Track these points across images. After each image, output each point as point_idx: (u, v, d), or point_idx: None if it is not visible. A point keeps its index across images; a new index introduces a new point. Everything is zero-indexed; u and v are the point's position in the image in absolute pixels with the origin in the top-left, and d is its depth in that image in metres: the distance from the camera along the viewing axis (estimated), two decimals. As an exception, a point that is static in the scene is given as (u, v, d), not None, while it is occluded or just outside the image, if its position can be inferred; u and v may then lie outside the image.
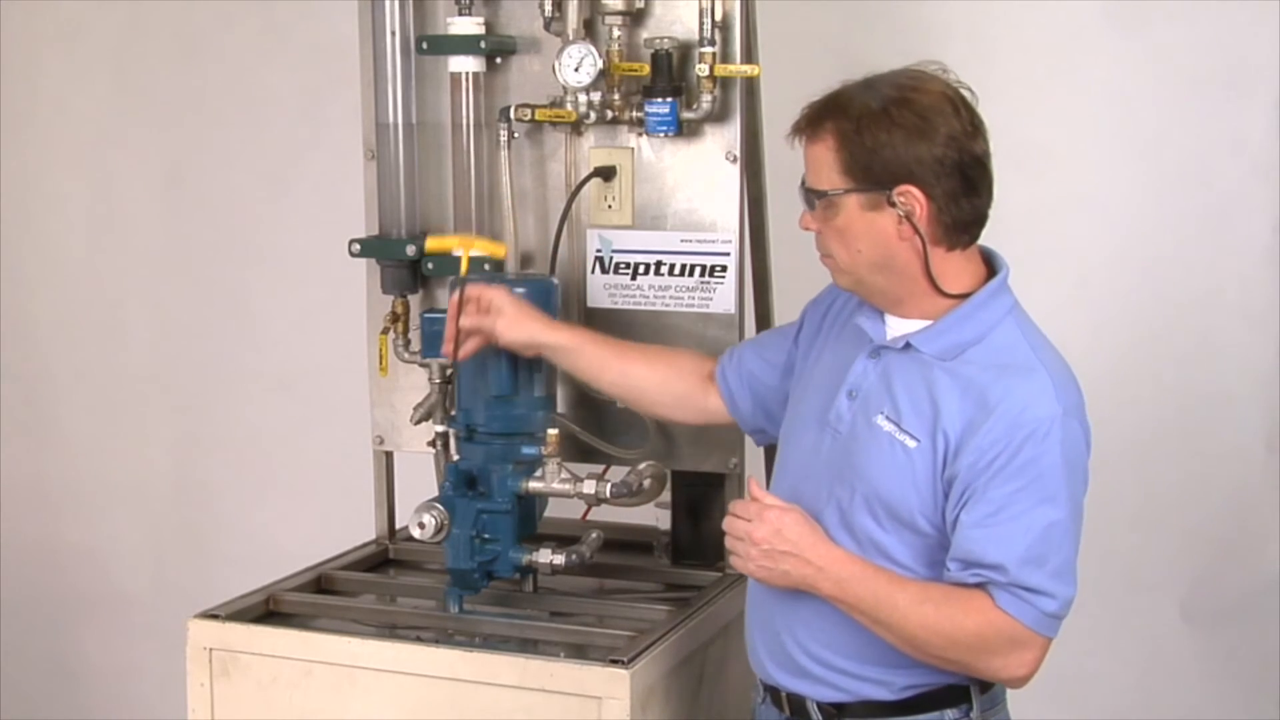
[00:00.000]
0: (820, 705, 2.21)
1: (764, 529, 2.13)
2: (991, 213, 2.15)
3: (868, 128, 2.06)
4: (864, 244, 2.11)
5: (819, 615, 2.16)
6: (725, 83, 2.63)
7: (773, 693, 2.29)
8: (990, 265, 2.19)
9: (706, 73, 2.59)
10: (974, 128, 2.10)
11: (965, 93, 2.11)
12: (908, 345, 2.14)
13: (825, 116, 2.11)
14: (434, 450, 2.74)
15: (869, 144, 2.06)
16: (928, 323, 2.14)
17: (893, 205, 2.07)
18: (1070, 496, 2.06)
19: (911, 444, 2.09)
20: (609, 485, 2.54)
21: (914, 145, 2.05)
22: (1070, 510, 2.06)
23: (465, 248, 2.48)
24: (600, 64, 2.62)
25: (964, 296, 2.13)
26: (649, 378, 2.54)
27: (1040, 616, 2.04)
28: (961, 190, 2.08)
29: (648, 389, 2.54)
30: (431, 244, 2.50)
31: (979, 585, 2.05)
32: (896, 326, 2.17)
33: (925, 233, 2.08)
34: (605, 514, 2.77)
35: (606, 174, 2.73)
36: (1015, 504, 2.03)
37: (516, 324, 2.49)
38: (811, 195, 2.14)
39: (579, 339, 2.54)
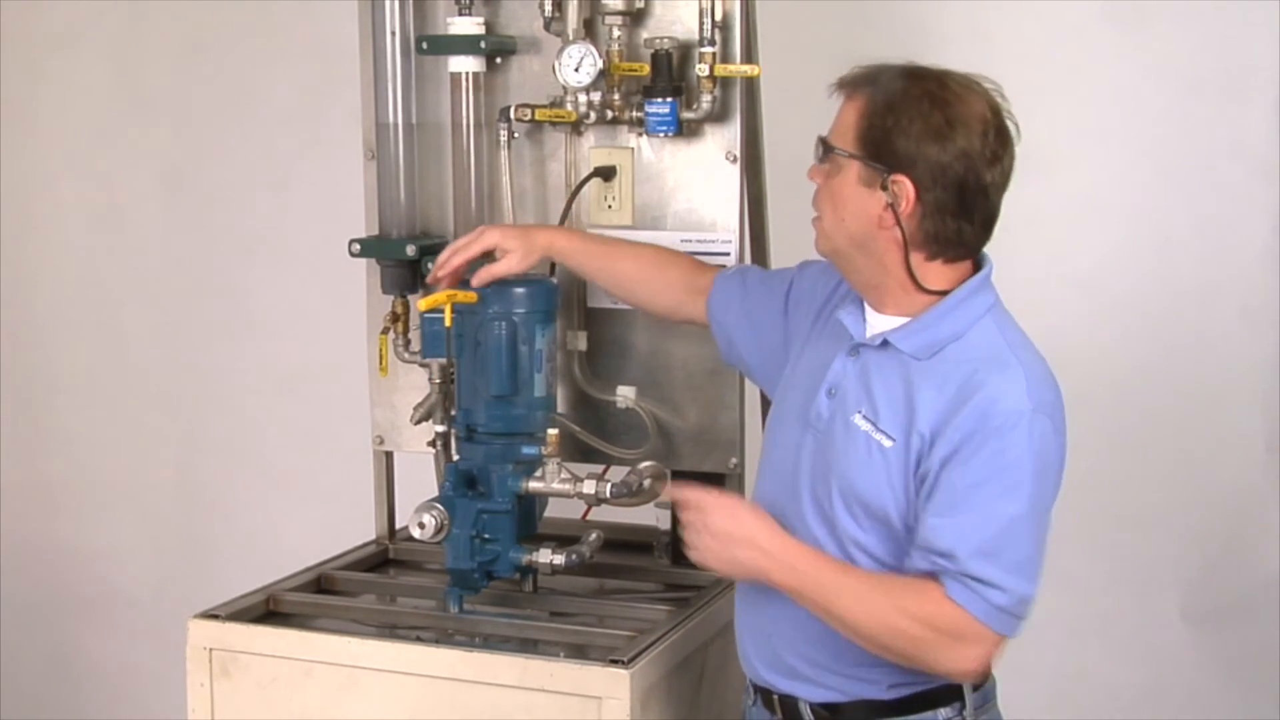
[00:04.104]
0: (813, 706, 2.21)
1: (719, 515, 2.15)
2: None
3: (895, 109, 2.07)
4: (849, 215, 2.12)
5: (809, 614, 2.15)
6: (725, 83, 2.63)
7: (764, 695, 2.28)
8: (975, 263, 2.18)
9: (706, 73, 2.59)
10: (993, 157, 2.08)
11: (1010, 125, 2.10)
12: (885, 343, 2.14)
13: (867, 83, 2.11)
14: (434, 450, 2.73)
15: (889, 123, 2.07)
16: (906, 319, 2.14)
17: (884, 190, 2.08)
18: (1035, 494, 2.05)
19: (887, 443, 2.10)
20: (609, 485, 2.54)
21: (926, 144, 2.05)
22: (1033, 507, 2.05)
23: (448, 301, 2.50)
24: (600, 64, 2.62)
25: (943, 294, 2.13)
26: (634, 278, 2.60)
27: (989, 609, 2.02)
28: (952, 206, 2.08)
29: (635, 289, 2.61)
30: (423, 304, 2.53)
31: (933, 574, 2.04)
32: (876, 323, 2.18)
33: (905, 228, 2.09)
34: (605, 514, 2.77)
35: (606, 174, 2.73)
36: (976, 495, 2.02)
37: (527, 257, 2.56)
38: (823, 145, 2.15)
39: (576, 239, 2.64)
